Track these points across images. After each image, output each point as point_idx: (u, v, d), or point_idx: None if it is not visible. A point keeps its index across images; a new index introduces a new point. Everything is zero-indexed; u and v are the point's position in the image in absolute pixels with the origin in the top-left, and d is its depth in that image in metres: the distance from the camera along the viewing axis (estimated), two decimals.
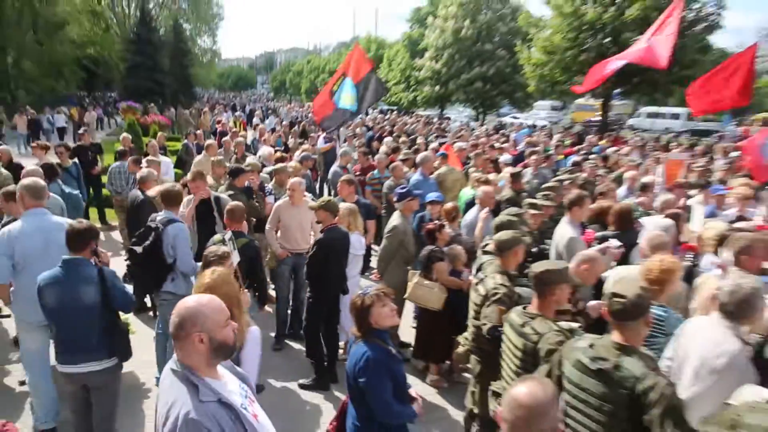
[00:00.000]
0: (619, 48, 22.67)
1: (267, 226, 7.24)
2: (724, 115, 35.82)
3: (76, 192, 8.23)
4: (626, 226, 6.14)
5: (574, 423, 3.10)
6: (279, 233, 7.20)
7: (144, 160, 9.53)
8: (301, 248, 7.11)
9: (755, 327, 3.58)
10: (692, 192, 8.94)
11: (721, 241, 5.20)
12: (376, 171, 10.41)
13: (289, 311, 7.47)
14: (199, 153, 12.82)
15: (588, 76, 11.44)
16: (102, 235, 10.24)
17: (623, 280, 4.45)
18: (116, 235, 11.19)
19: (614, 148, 15.19)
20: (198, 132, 16.56)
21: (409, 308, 7.20)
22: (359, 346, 3.58)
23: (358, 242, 6.68)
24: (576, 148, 15.87)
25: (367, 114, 29.37)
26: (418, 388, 6.26)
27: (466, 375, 6.13)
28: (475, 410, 4.72)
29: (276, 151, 12.26)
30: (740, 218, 7.26)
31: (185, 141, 15.01)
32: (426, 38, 36.23)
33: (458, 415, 5.68)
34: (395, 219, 6.87)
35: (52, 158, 9.65)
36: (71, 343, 4.26)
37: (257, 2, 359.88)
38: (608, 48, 22.72)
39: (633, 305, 2.97)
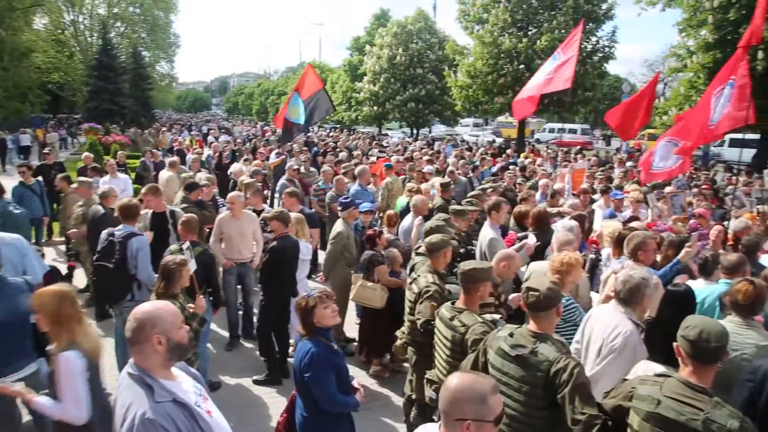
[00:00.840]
0: (532, 73, 23.40)
1: (211, 239, 7.06)
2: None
3: (19, 211, 7.60)
4: (542, 227, 6.29)
5: None
6: (223, 244, 7.01)
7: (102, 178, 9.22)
8: (244, 257, 7.00)
9: (645, 311, 3.74)
10: (595, 197, 9.28)
11: (617, 238, 5.40)
12: (320, 182, 10.38)
13: (240, 314, 7.32)
14: (156, 170, 12.49)
15: (516, 109, 11.76)
16: (63, 247, 9.86)
17: (536, 274, 4.59)
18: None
19: (530, 160, 15.61)
20: (155, 150, 16.10)
21: (352, 306, 7.15)
22: (304, 343, 3.54)
23: (305, 248, 6.65)
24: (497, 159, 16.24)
25: (313, 131, 29.21)
26: (362, 379, 6.25)
27: (406, 365, 6.14)
28: (413, 396, 4.71)
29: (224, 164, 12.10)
30: (634, 218, 7.56)
31: (143, 158, 14.54)
32: (364, 64, 36.35)
33: (399, 401, 5.64)
34: (339, 226, 6.83)
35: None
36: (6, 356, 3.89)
37: (212, 30, 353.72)
38: (522, 73, 23.37)
39: (545, 297, 3.03)
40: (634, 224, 6.45)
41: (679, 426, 2.44)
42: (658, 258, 5.46)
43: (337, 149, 17.94)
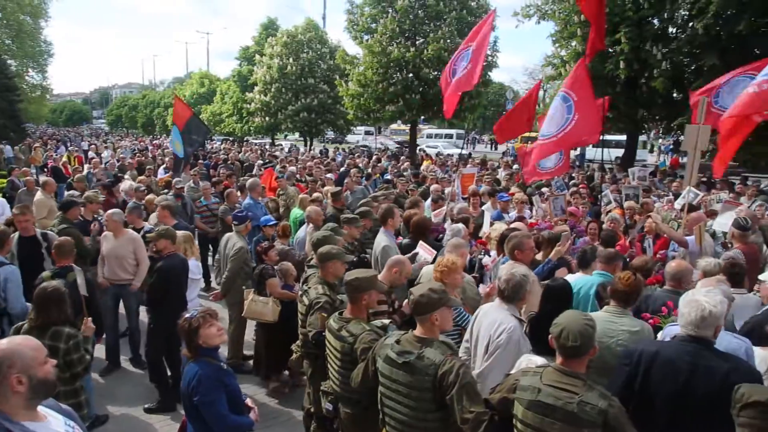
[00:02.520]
0: (420, 81, 24.12)
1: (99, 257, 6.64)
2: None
3: None
4: (419, 235, 6.45)
5: (390, 411, 3.16)
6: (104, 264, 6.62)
7: None
8: (120, 279, 6.61)
9: (528, 306, 3.94)
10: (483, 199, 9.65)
11: (502, 239, 5.65)
12: (203, 199, 10.05)
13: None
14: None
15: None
16: None
17: (424, 278, 4.70)
18: None
19: (424, 165, 16.02)
20: (24, 168, 14.78)
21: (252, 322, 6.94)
22: (191, 366, 3.39)
23: (195, 267, 6.43)
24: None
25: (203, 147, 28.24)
26: (261, 396, 6.12)
27: (305, 378, 6.05)
28: (312, 409, 4.66)
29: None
30: (520, 219, 7.96)
31: (11, 177, 13.30)
32: (255, 74, 35.68)
33: (300, 416, 5.56)
34: (239, 240, 6.64)
35: None
36: None
37: (91, 39, 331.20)
38: (412, 81, 24.01)
39: (419, 303, 3.10)
40: (516, 224, 6.80)
41: (557, 410, 2.59)
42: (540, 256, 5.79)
43: (229, 161, 17.47)
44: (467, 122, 30.70)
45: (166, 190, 10.81)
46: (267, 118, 34.40)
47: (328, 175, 11.68)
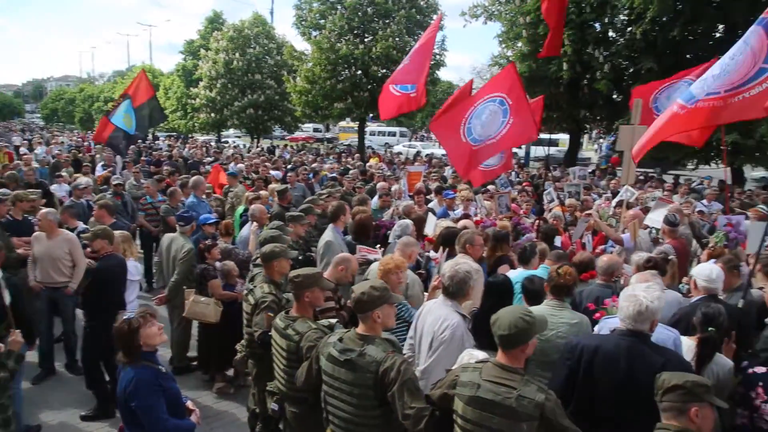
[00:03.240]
0: (369, 79, 24.18)
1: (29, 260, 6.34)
2: None
3: None
4: (361, 235, 6.48)
5: (333, 409, 3.17)
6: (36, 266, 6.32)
7: None
8: (54, 281, 6.29)
9: (471, 302, 4.01)
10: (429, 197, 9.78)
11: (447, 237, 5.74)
12: (148, 196, 9.77)
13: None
14: None
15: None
16: None
17: (371, 274, 4.72)
18: None
19: (371, 162, 16.06)
20: None
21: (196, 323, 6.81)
22: (127, 371, 3.30)
23: (134, 268, 6.23)
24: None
25: (145, 141, 27.43)
26: (206, 397, 6.05)
27: (251, 378, 6.00)
28: (257, 410, 4.63)
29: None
30: (465, 216, 8.09)
31: None
32: (200, 69, 34.84)
33: (245, 417, 5.50)
34: (186, 242, 6.47)
35: None
36: None
37: (24, 29, 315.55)
38: (360, 79, 24.03)
39: (362, 300, 3.12)
40: (464, 222, 6.92)
41: (496, 405, 2.66)
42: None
43: (173, 158, 17.04)
44: (416, 121, 30.99)
45: (105, 187, 10.45)
46: (212, 115, 33.69)
47: (274, 173, 11.54)
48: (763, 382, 3.30)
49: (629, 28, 17.81)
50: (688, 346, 3.64)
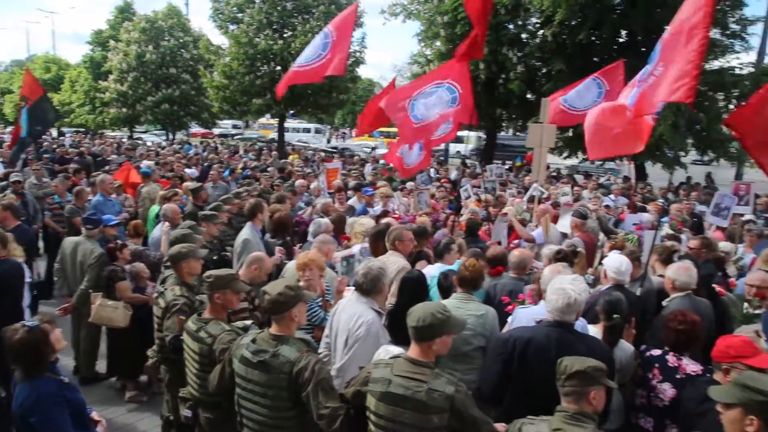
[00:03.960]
0: None
1: None
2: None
3: None
4: (279, 232, 6.43)
5: (247, 412, 3.11)
6: None
7: None
8: None
9: (384, 299, 4.06)
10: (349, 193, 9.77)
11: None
12: (56, 195, 9.19)
13: None
14: None
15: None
16: None
17: (288, 273, 4.67)
18: None
19: (289, 159, 15.88)
20: None
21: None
22: (23, 385, 3.07)
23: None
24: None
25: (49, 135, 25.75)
26: (118, 407, 5.76)
27: (164, 385, 5.78)
28: (171, 417, 4.46)
29: None
30: (385, 213, 8.16)
31: None
32: (109, 61, 33.07)
33: (159, 425, 5.29)
34: (96, 247, 6.05)
35: None
36: None
37: None
38: (279, 74, 23.65)
39: (278, 300, 3.08)
40: (387, 219, 6.97)
41: (407, 400, 2.71)
42: None
43: (83, 155, 16.12)
44: (337, 118, 30.93)
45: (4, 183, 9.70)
46: (124, 109, 32.15)
47: (189, 171, 11.15)
48: (659, 364, 3.55)
49: (541, 31, 18.60)
50: (593, 333, 3.85)
